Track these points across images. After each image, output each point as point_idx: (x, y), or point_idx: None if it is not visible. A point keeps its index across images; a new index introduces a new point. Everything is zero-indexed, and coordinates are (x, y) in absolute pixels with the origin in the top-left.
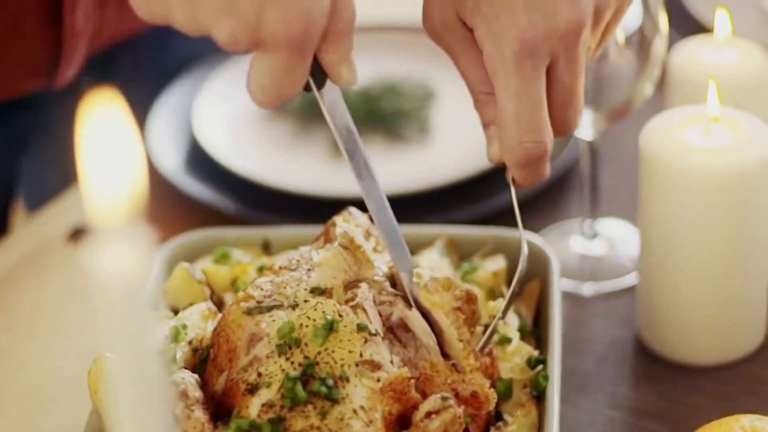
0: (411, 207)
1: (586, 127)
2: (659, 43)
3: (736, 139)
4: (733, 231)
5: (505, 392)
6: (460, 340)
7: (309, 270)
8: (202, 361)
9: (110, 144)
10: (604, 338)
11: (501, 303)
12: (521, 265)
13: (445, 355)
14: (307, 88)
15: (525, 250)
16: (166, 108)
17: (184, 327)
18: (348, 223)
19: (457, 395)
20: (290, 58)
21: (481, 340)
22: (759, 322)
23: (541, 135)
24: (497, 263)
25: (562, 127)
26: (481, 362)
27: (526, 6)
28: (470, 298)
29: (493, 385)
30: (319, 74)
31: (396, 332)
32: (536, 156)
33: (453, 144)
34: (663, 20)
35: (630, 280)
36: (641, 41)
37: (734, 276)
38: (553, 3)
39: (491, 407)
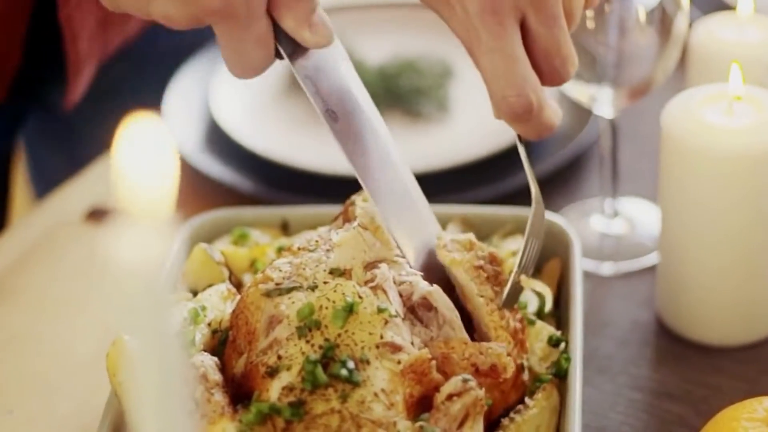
0: (430, 186)
1: (607, 104)
2: (681, 21)
3: (759, 118)
4: (755, 210)
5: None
6: (481, 296)
7: (328, 251)
8: (221, 343)
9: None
10: (625, 319)
11: (516, 256)
12: (534, 209)
13: (472, 330)
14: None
15: (534, 192)
16: (182, 87)
17: (203, 309)
18: (367, 202)
19: (477, 370)
20: (234, 30)
21: (503, 292)
22: None
23: (521, 88)
24: (517, 243)
25: (553, 78)
26: (506, 321)
27: None
28: (494, 259)
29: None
30: (290, 41)
31: (417, 312)
32: (522, 108)
33: (472, 122)
34: None
35: (651, 259)
36: (662, 18)
37: (756, 255)
38: None
39: (509, 375)
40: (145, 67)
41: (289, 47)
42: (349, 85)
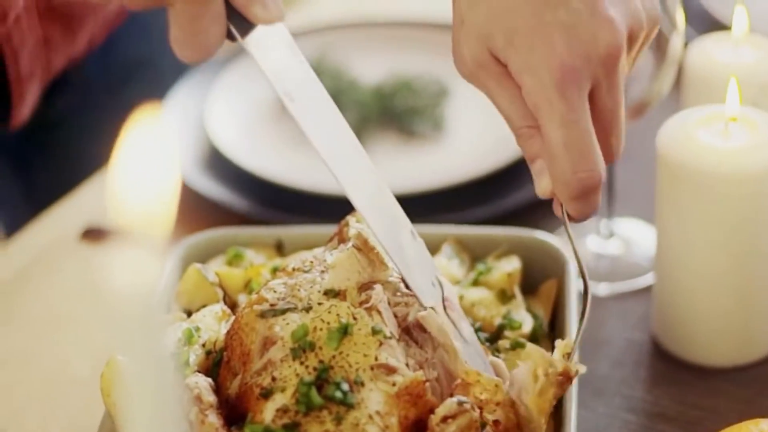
0: (424, 205)
1: None
2: (676, 41)
3: (755, 139)
4: (752, 232)
5: None
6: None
7: (323, 272)
8: (215, 364)
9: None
10: (620, 340)
11: (569, 339)
12: (584, 297)
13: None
14: (234, 37)
15: (585, 280)
16: (178, 105)
17: (198, 329)
18: (361, 223)
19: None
20: (188, 7)
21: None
22: None
23: (594, 163)
24: (512, 264)
25: (607, 154)
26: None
27: (564, 33)
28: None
29: None
30: (241, 20)
31: (412, 333)
32: (592, 186)
33: (467, 141)
34: (680, 17)
35: (646, 280)
36: (658, 39)
37: (752, 277)
38: (591, 29)
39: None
40: (94, 89)
41: (242, 26)
42: (301, 68)
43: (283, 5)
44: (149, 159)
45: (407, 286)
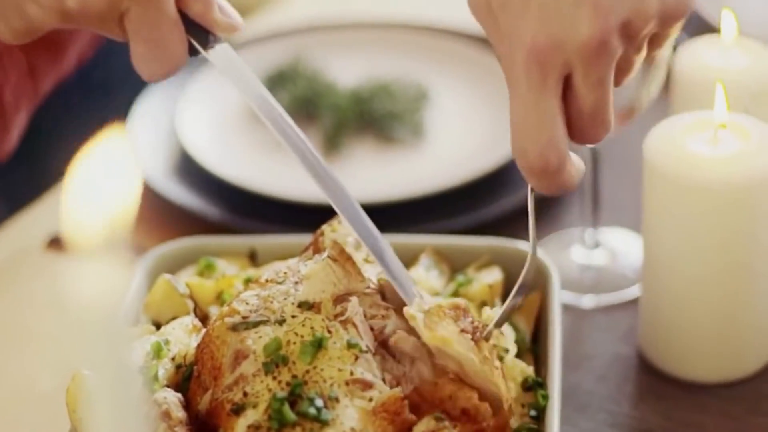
0: (403, 215)
1: None
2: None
3: (745, 146)
4: (741, 243)
5: None
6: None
7: (297, 283)
8: (185, 378)
9: (106, 166)
10: (606, 354)
11: (496, 311)
12: (530, 259)
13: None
14: (195, 52)
15: (532, 243)
16: (148, 110)
17: (167, 343)
18: (337, 232)
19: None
20: (150, 11)
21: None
22: (766, 339)
23: (543, 148)
24: (493, 275)
25: (581, 138)
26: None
27: (542, 11)
28: (459, 308)
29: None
30: (201, 33)
31: (389, 347)
32: (539, 167)
33: (448, 148)
34: None
35: (633, 292)
36: None
37: (741, 289)
38: (572, 12)
39: (490, 420)
40: (74, 104)
41: (202, 37)
42: (258, 82)
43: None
44: (109, 168)
45: (384, 297)
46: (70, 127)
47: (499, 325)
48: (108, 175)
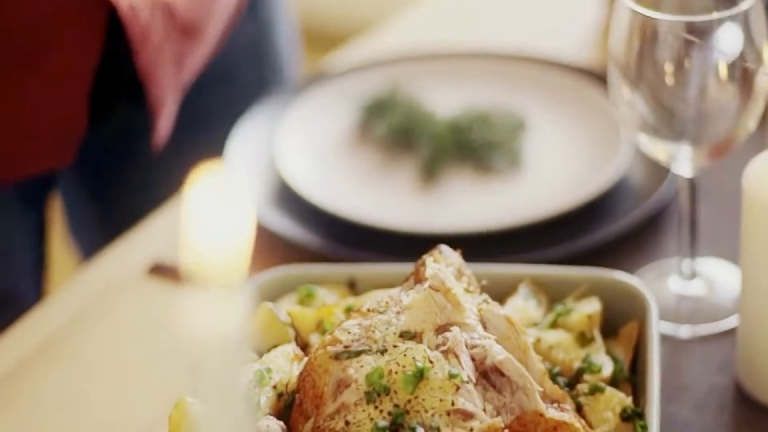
0: (502, 244)
1: (686, 162)
2: (763, 76)
3: None
4: None
5: None
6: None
7: (398, 313)
8: (287, 406)
9: (221, 207)
10: (703, 384)
11: None
12: None
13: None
14: None
15: None
16: (246, 138)
17: (269, 371)
18: (439, 262)
19: None
20: None
21: None
22: None
23: None
24: (592, 306)
25: None
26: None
27: None
28: None
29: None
30: None
31: (490, 377)
32: None
33: (545, 178)
34: (767, 51)
35: (730, 322)
36: (744, 74)
37: None
38: None
39: None
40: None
41: None
42: None
43: None
44: (223, 198)
45: (485, 328)
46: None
47: None
48: (222, 205)
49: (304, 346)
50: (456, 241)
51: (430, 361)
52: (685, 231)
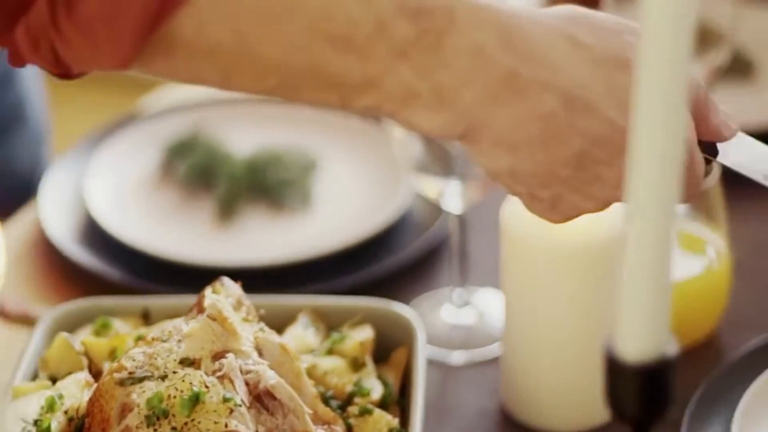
0: (291, 276)
1: (456, 198)
2: None
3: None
4: (591, 302)
5: None
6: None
7: (179, 341)
8: (77, 430)
9: None
10: (472, 408)
11: None
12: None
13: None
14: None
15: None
16: (58, 177)
17: (61, 397)
18: (219, 293)
19: None
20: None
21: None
22: None
23: None
24: (364, 333)
25: None
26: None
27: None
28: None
29: None
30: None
31: (263, 400)
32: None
33: (333, 213)
34: None
35: (497, 349)
36: None
37: (589, 344)
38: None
39: None
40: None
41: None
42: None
43: None
44: None
45: (260, 354)
46: None
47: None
48: None
49: (98, 374)
50: (244, 274)
51: (206, 386)
52: (456, 262)
